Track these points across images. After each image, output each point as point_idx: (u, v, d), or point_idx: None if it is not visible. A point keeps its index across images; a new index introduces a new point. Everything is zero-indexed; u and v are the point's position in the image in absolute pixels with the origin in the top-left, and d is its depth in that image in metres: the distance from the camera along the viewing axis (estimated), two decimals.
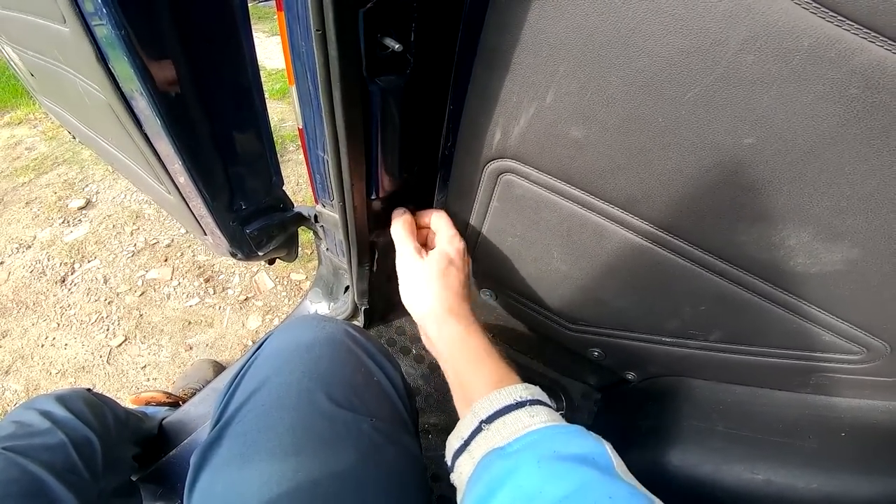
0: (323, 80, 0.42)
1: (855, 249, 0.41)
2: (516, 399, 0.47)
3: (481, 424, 0.46)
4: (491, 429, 0.45)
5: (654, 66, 0.36)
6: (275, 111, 2.74)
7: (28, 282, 1.64)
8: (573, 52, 0.38)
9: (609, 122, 0.41)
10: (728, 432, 0.65)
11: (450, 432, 0.51)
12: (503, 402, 0.47)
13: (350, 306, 0.95)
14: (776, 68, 0.32)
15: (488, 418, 0.46)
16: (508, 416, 0.45)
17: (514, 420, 0.45)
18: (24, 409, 0.73)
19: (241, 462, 0.49)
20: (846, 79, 0.31)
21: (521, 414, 0.45)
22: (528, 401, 0.47)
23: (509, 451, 0.42)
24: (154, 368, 1.40)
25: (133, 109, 0.59)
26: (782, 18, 0.30)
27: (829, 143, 0.35)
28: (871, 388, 0.57)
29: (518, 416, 0.45)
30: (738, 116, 0.36)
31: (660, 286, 0.54)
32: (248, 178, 0.74)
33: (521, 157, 0.49)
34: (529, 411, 0.45)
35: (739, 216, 0.42)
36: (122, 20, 0.48)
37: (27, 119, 2.60)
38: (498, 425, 0.45)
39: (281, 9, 0.50)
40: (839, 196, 0.38)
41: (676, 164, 0.41)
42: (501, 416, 0.46)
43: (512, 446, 0.42)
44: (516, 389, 0.48)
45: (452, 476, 0.49)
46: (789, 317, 0.50)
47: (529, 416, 0.45)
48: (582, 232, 0.52)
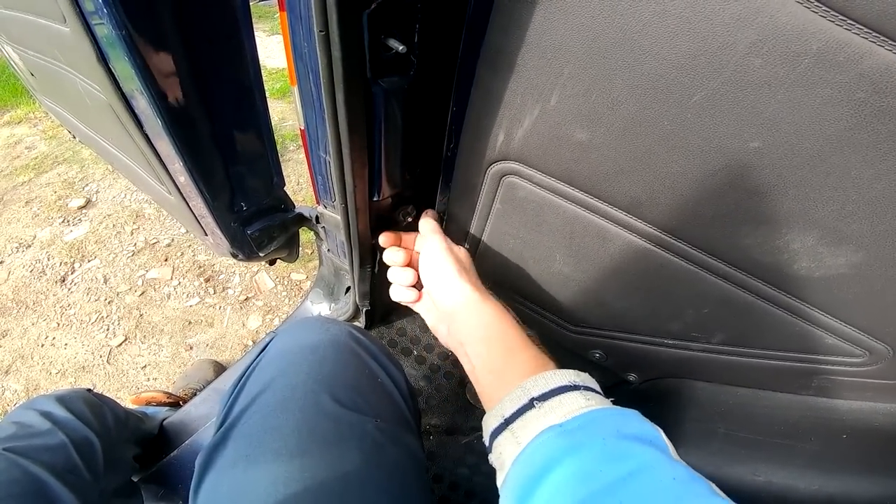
0: (326, 81, 0.42)
1: (860, 253, 0.41)
2: (571, 381, 0.46)
3: (533, 402, 0.44)
4: (545, 406, 0.44)
5: (661, 69, 0.35)
6: (275, 110, 2.73)
7: (28, 281, 1.64)
8: (578, 53, 0.38)
9: (614, 125, 0.41)
10: (729, 434, 0.65)
11: (452, 433, 0.51)
12: (558, 382, 0.45)
13: (351, 307, 0.95)
14: (784, 72, 0.32)
15: (541, 396, 0.45)
16: (565, 395, 0.44)
17: (570, 400, 0.43)
18: (25, 410, 0.73)
19: (246, 463, 0.49)
20: (854, 83, 0.31)
21: (576, 395, 0.44)
22: (581, 385, 0.46)
23: (569, 427, 0.41)
24: (154, 368, 1.40)
25: (133, 109, 0.59)
26: (791, 22, 0.30)
27: (835, 147, 0.34)
28: (872, 390, 0.56)
29: (573, 397, 0.44)
30: (744, 120, 0.35)
31: (663, 289, 0.54)
32: (249, 178, 0.74)
33: (524, 159, 0.49)
34: (584, 395, 0.44)
35: (744, 219, 0.42)
36: (122, 20, 0.47)
37: (27, 118, 2.59)
38: (553, 403, 0.44)
39: (283, 9, 0.50)
40: (845, 200, 0.38)
41: (681, 168, 0.41)
42: (556, 396, 0.44)
43: (571, 423, 0.41)
44: (569, 373, 0.47)
45: (491, 457, 0.47)
46: (792, 320, 0.50)
47: (585, 399, 0.43)
48: (585, 234, 0.52)
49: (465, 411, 0.91)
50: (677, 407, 0.70)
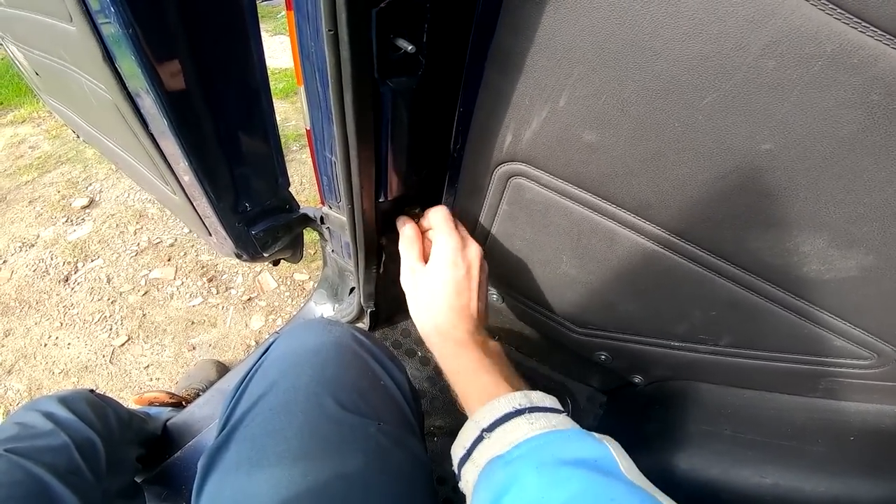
0: (334, 81, 0.41)
1: (870, 256, 0.41)
2: (515, 407, 0.47)
3: (482, 433, 0.47)
4: (492, 437, 0.46)
5: (672, 71, 0.35)
6: (278, 110, 2.70)
7: (31, 281, 1.64)
8: (588, 55, 0.38)
9: (623, 127, 0.40)
10: (736, 436, 0.64)
11: (456, 435, 0.51)
12: (502, 411, 0.47)
13: (355, 308, 0.94)
14: (797, 74, 0.32)
15: (489, 427, 0.46)
16: (508, 423, 0.46)
17: (513, 427, 0.45)
18: (27, 411, 0.72)
19: (249, 466, 0.48)
20: (868, 85, 0.31)
21: (520, 421, 0.45)
22: (526, 408, 0.47)
23: (509, 458, 0.42)
24: (157, 368, 1.40)
25: (139, 108, 0.59)
26: (805, 24, 0.30)
27: (848, 149, 0.34)
28: (880, 392, 0.56)
29: (517, 423, 0.45)
30: (756, 122, 0.35)
31: (670, 291, 0.54)
32: (254, 178, 0.73)
33: (532, 160, 0.49)
34: (528, 418, 0.45)
35: (754, 222, 0.42)
36: (129, 18, 0.47)
37: (31, 117, 2.59)
38: (498, 433, 0.45)
39: (290, 8, 0.50)
40: (856, 203, 0.37)
41: (691, 170, 0.40)
42: (501, 425, 0.46)
43: (511, 454, 0.42)
44: (514, 397, 0.48)
45: (460, 484, 0.49)
46: (801, 322, 0.50)
47: (528, 424, 0.45)
48: (592, 236, 0.52)
49: None
50: (683, 409, 0.70)
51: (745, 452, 0.62)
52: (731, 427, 0.65)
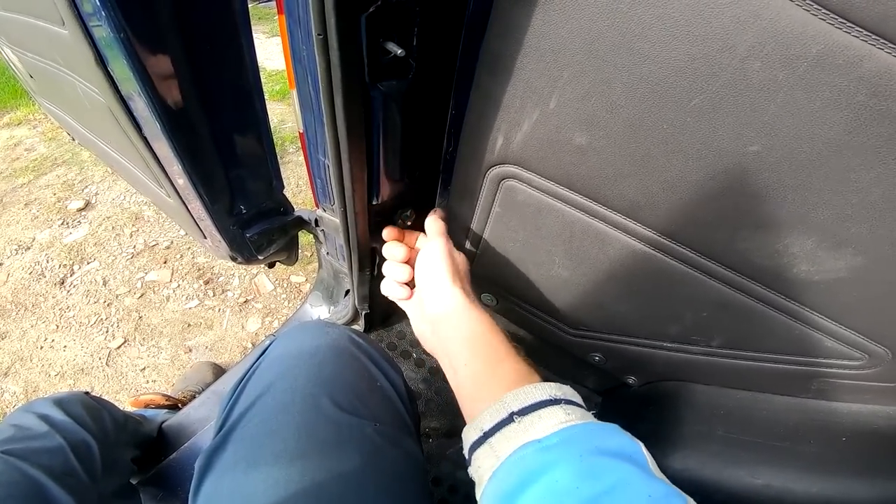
0: (324, 84, 0.42)
1: (859, 257, 0.41)
2: (551, 395, 0.45)
3: (513, 416, 0.44)
4: (524, 421, 0.43)
5: (660, 73, 0.35)
6: (274, 112, 2.73)
7: (27, 283, 1.64)
8: (577, 57, 0.38)
9: (613, 129, 0.41)
10: (728, 437, 0.64)
11: (451, 436, 0.51)
12: (538, 397, 0.45)
13: (350, 310, 0.94)
14: (783, 75, 0.32)
15: (521, 410, 0.44)
16: (544, 410, 0.44)
17: (549, 415, 0.43)
18: (23, 413, 0.73)
19: (246, 466, 0.49)
20: (854, 86, 0.31)
21: (556, 410, 0.44)
22: (562, 399, 0.45)
23: (547, 444, 0.41)
24: (153, 370, 1.40)
25: (132, 111, 0.59)
26: (790, 25, 0.30)
27: (835, 150, 0.34)
28: (871, 393, 0.56)
29: (553, 411, 0.43)
30: (743, 123, 0.35)
31: (662, 292, 0.54)
32: (249, 181, 0.74)
33: (523, 162, 0.49)
34: (565, 409, 0.44)
35: (743, 223, 0.42)
36: (120, 22, 0.47)
37: (27, 120, 2.59)
38: (533, 418, 0.43)
39: (282, 12, 0.50)
40: (844, 204, 0.37)
41: (680, 171, 0.40)
42: (536, 410, 0.44)
43: (550, 440, 0.41)
44: (550, 387, 0.46)
45: (470, 469, 0.47)
46: (791, 323, 0.50)
47: (565, 414, 0.43)
48: (584, 238, 0.52)
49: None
50: (676, 410, 0.70)
51: (738, 453, 0.62)
52: (724, 428, 0.65)
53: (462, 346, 0.53)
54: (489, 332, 0.53)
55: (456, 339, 0.54)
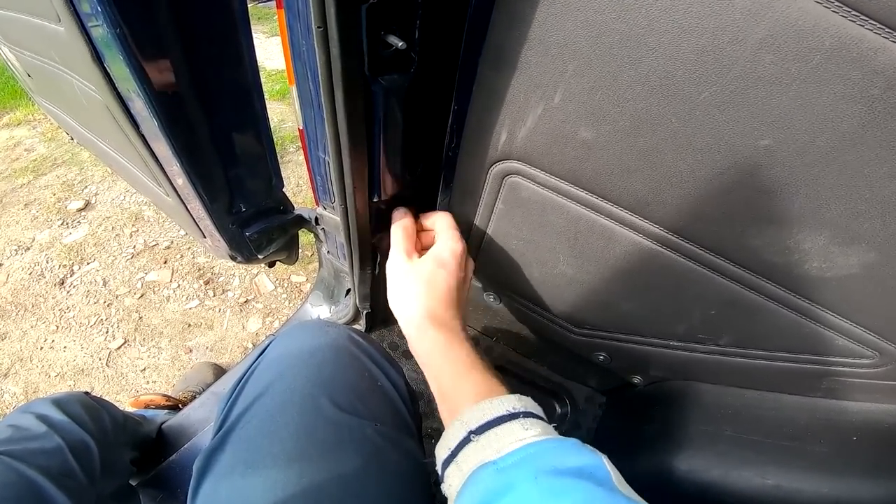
0: (324, 79, 0.41)
1: (872, 253, 0.40)
2: (508, 410, 0.44)
3: (470, 435, 0.44)
4: (481, 440, 0.43)
5: (668, 66, 0.35)
6: (275, 112, 2.73)
7: (27, 284, 1.63)
8: (583, 50, 0.37)
9: (619, 123, 0.40)
10: (736, 437, 0.64)
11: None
12: (495, 413, 0.44)
13: (351, 310, 0.94)
14: (795, 68, 0.31)
15: (478, 429, 0.44)
16: (501, 427, 0.43)
17: (507, 432, 0.42)
18: (21, 413, 0.72)
19: (244, 468, 0.48)
20: (867, 79, 0.30)
21: (514, 426, 0.43)
22: (521, 412, 0.44)
23: (502, 465, 0.40)
24: (153, 371, 1.39)
25: (130, 110, 0.58)
26: (802, 17, 0.29)
27: (848, 144, 0.34)
28: (882, 392, 0.56)
29: (511, 427, 0.43)
30: (754, 117, 0.34)
31: (669, 290, 0.53)
32: (248, 180, 0.73)
33: (527, 158, 0.48)
34: (523, 423, 0.43)
35: (753, 219, 0.41)
36: (117, 19, 0.46)
37: (26, 120, 2.59)
38: (490, 437, 0.43)
39: (281, 7, 0.49)
40: (857, 199, 0.37)
41: (689, 166, 0.40)
42: (493, 428, 0.43)
43: (505, 460, 0.40)
44: (508, 400, 0.45)
45: (443, 487, 0.47)
46: (802, 321, 0.49)
47: (523, 429, 0.42)
48: (589, 235, 0.51)
49: None
50: (683, 409, 0.69)
51: (747, 453, 0.62)
52: (732, 428, 0.64)
53: (424, 358, 0.54)
54: (449, 344, 0.52)
55: (419, 351, 0.54)
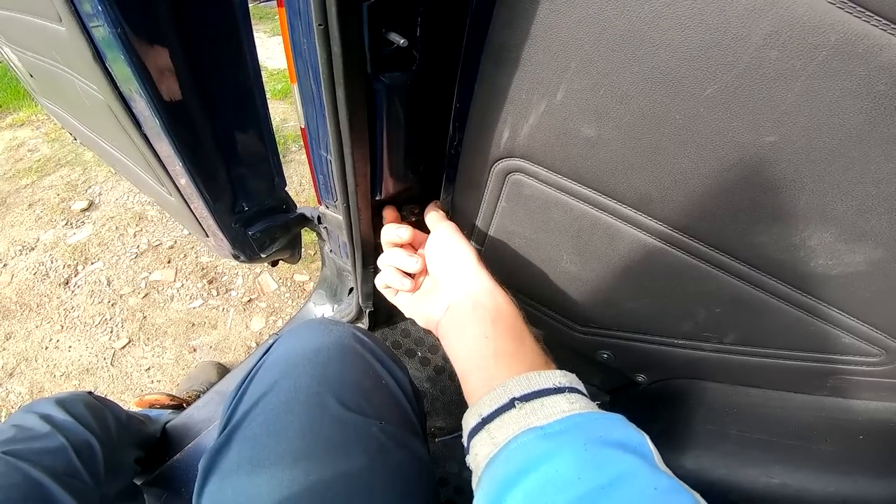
0: (326, 77, 0.41)
1: (878, 250, 0.40)
2: (555, 384, 0.44)
3: (514, 402, 0.43)
4: (525, 407, 0.42)
5: (672, 62, 0.34)
6: (277, 111, 2.73)
7: (31, 284, 1.64)
8: (586, 46, 0.37)
9: (623, 120, 0.39)
10: (742, 435, 0.63)
11: (457, 436, 0.50)
12: (542, 384, 0.44)
13: (354, 308, 0.94)
14: (801, 64, 0.31)
15: (523, 396, 0.43)
16: (546, 398, 0.43)
17: (552, 403, 0.42)
18: (25, 413, 0.72)
19: (250, 467, 0.48)
20: (874, 75, 0.30)
21: (559, 399, 0.42)
22: (566, 387, 0.44)
23: (550, 431, 0.39)
24: (158, 370, 1.40)
25: (132, 110, 0.58)
26: (807, 13, 0.29)
27: (854, 141, 0.33)
28: (889, 390, 0.55)
29: (556, 400, 0.42)
30: (759, 113, 0.34)
31: (674, 288, 0.53)
32: (251, 179, 0.73)
33: (530, 156, 0.48)
34: (569, 398, 0.42)
35: (759, 216, 0.41)
36: (118, 19, 0.46)
37: (30, 121, 2.60)
38: (535, 405, 0.42)
39: (282, 5, 0.49)
40: (864, 196, 0.36)
41: (693, 163, 0.39)
42: (539, 398, 0.43)
43: (553, 426, 0.40)
44: (555, 375, 0.45)
45: (468, 457, 0.46)
46: (808, 319, 0.49)
47: (569, 403, 0.42)
48: (593, 233, 0.51)
49: None
50: (688, 408, 0.69)
51: (753, 452, 0.61)
52: (738, 426, 0.64)
53: (484, 322, 0.51)
54: (514, 312, 0.52)
55: (479, 315, 0.51)
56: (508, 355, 0.48)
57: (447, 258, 0.56)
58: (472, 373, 0.49)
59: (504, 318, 0.51)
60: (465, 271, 0.55)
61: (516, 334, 0.50)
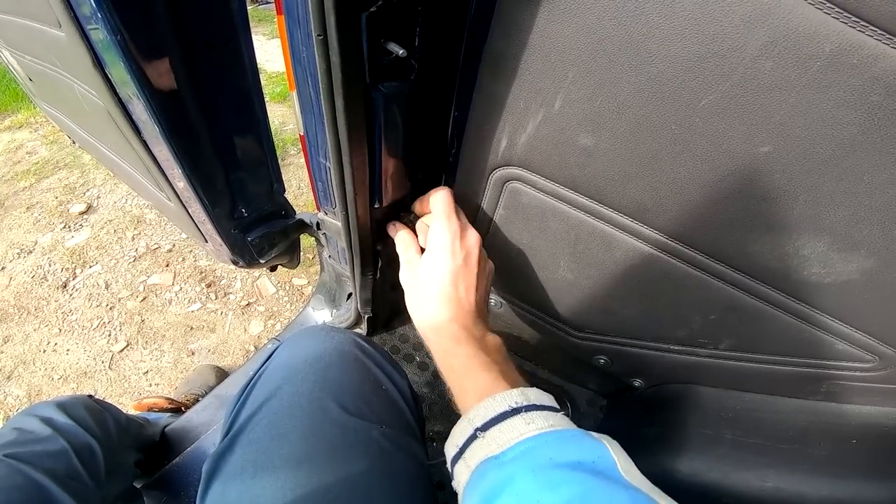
0: (325, 86, 0.41)
1: (871, 259, 0.40)
2: (511, 405, 0.45)
3: (476, 432, 0.45)
4: (486, 437, 0.44)
5: (668, 72, 0.35)
6: (275, 114, 2.73)
7: (29, 287, 1.63)
8: (583, 57, 0.37)
9: (619, 130, 0.40)
10: (736, 440, 0.64)
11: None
12: (498, 409, 0.45)
13: (353, 314, 0.94)
14: (795, 74, 0.31)
15: (483, 426, 0.44)
16: (504, 423, 0.44)
17: (509, 427, 0.43)
18: (25, 416, 0.72)
19: (254, 470, 0.49)
20: (868, 85, 0.30)
21: (516, 421, 0.43)
22: (523, 406, 0.45)
23: (504, 459, 0.41)
24: (156, 374, 1.39)
25: (130, 114, 0.58)
26: (803, 23, 0.29)
27: (848, 151, 0.34)
28: (881, 395, 0.56)
29: (513, 423, 0.43)
30: (754, 124, 0.35)
31: (669, 295, 0.53)
32: (249, 184, 0.73)
33: (527, 164, 0.48)
34: (525, 418, 0.44)
35: (753, 225, 0.41)
36: (117, 24, 0.47)
37: (28, 123, 2.59)
38: (494, 433, 0.43)
39: (281, 13, 0.49)
40: (857, 205, 0.37)
41: (689, 173, 0.40)
42: (497, 424, 0.44)
43: (506, 455, 0.41)
44: (511, 395, 0.46)
45: (453, 483, 0.48)
46: (801, 326, 0.49)
47: (525, 423, 0.43)
48: (590, 241, 0.51)
49: None
50: (683, 412, 0.69)
51: (747, 456, 0.62)
52: (732, 431, 0.64)
53: (439, 360, 0.54)
54: (455, 343, 0.53)
55: (435, 353, 0.55)
56: (463, 390, 0.50)
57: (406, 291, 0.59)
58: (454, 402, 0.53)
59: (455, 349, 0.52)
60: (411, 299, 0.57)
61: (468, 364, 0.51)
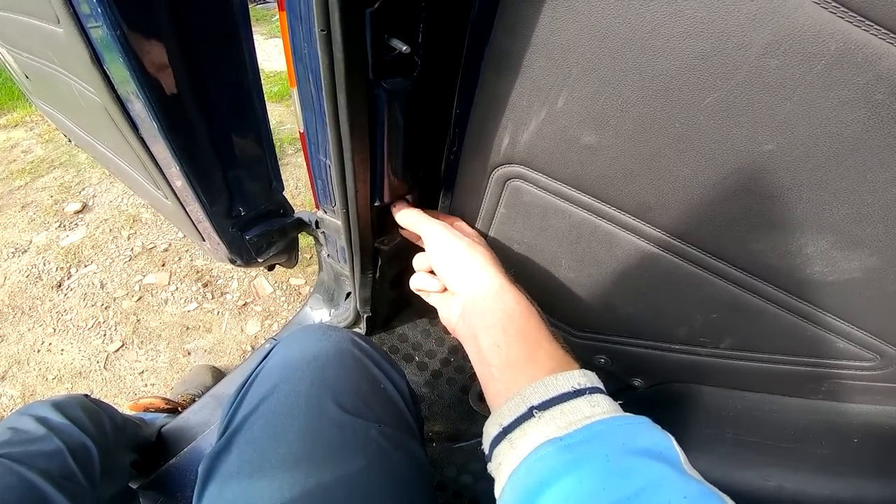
0: (327, 83, 0.41)
1: (874, 257, 0.40)
2: (574, 386, 0.42)
3: (532, 410, 0.41)
4: (544, 416, 0.40)
5: (673, 70, 0.35)
6: (273, 113, 2.72)
7: (24, 286, 1.62)
8: (587, 54, 0.37)
9: (623, 128, 0.40)
10: (738, 439, 0.64)
11: (454, 440, 0.50)
12: (560, 389, 0.42)
13: (352, 313, 0.93)
14: (800, 73, 0.31)
15: (541, 405, 0.41)
16: (566, 404, 0.41)
17: (572, 409, 0.40)
18: (20, 416, 0.72)
19: (251, 470, 0.48)
20: (872, 84, 0.30)
21: (580, 403, 0.40)
22: (587, 389, 0.42)
23: (569, 441, 0.38)
24: (152, 374, 1.39)
25: (129, 112, 0.58)
26: (808, 22, 0.29)
27: (852, 149, 0.34)
28: (883, 394, 0.56)
29: (577, 405, 0.40)
30: (758, 122, 0.35)
31: (671, 294, 0.53)
32: (248, 182, 0.73)
33: (529, 162, 0.48)
34: (590, 400, 0.41)
35: (756, 224, 0.41)
36: (117, 20, 0.46)
37: (23, 121, 2.58)
38: (554, 413, 0.40)
39: (283, 9, 0.49)
40: (860, 204, 0.37)
41: (692, 171, 0.40)
42: (558, 404, 0.41)
43: (573, 437, 0.38)
44: (573, 376, 0.43)
45: (489, 466, 0.44)
46: (803, 324, 0.49)
47: (590, 406, 0.40)
48: (591, 239, 0.51)
49: (469, 418, 0.90)
50: (684, 412, 0.69)
51: (748, 455, 0.62)
52: (734, 430, 0.64)
53: (495, 330, 0.49)
54: (525, 313, 0.49)
55: (488, 322, 0.49)
56: (522, 362, 0.46)
57: (447, 261, 0.55)
58: (490, 382, 0.48)
59: (515, 321, 0.48)
60: (467, 273, 0.53)
61: (529, 336, 0.48)
